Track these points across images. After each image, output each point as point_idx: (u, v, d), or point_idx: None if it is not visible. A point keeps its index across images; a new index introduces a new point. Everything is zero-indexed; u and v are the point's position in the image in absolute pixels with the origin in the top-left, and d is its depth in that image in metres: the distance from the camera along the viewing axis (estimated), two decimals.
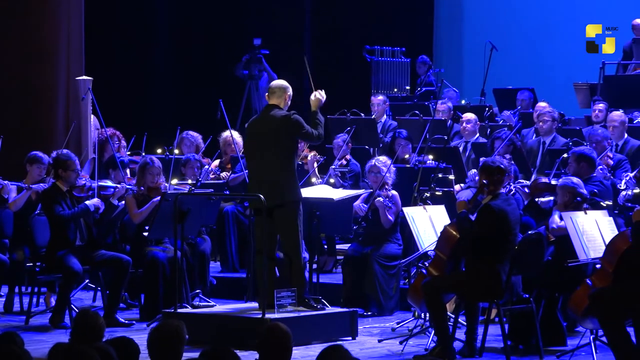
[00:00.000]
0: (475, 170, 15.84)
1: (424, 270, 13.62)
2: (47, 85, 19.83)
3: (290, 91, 14.10)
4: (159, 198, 14.94)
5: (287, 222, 13.76)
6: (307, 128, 13.81)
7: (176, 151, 17.57)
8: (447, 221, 14.03)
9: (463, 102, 21.61)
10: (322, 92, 14.19)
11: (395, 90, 21.80)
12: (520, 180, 15.11)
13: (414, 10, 25.60)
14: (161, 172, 15.89)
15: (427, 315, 13.44)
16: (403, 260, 15.30)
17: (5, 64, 19.79)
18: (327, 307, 14.22)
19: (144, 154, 17.49)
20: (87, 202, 15.00)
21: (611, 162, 16.10)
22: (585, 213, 13.20)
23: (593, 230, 12.93)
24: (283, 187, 13.75)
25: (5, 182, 16.05)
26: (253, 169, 14.31)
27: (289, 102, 14.02)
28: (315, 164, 16.90)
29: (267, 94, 14.42)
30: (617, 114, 17.71)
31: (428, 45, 25.01)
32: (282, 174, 13.82)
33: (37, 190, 15.70)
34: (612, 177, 15.55)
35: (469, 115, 18.80)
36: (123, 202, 15.59)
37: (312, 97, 14.11)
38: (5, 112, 19.27)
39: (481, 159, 14.61)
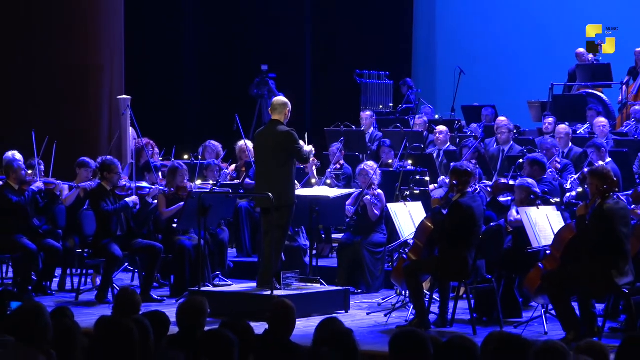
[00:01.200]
0: (443, 177, 15.92)
1: (404, 256, 13.62)
2: (94, 102, 19.79)
3: (289, 107, 14.00)
4: (182, 203, 14.98)
5: (278, 222, 13.69)
6: (300, 146, 13.78)
7: (200, 157, 17.56)
8: (424, 215, 14.04)
9: (437, 116, 21.47)
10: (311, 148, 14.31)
11: (381, 106, 21.70)
12: (484, 181, 15.13)
13: (396, 40, 25.26)
14: (187, 175, 15.95)
15: (407, 292, 13.45)
16: (387, 247, 15.38)
17: (59, 84, 19.72)
18: (324, 284, 14.33)
19: (173, 159, 17.48)
20: (126, 200, 14.99)
21: (559, 166, 16.11)
22: (538, 208, 13.22)
23: (544, 223, 12.95)
24: (280, 194, 13.56)
25: (59, 182, 16.10)
26: (259, 174, 14.30)
27: (289, 116, 13.91)
28: (314, 168, 16.90)
29: (269, 109, 14.35)
30: (563, 127, 17.70)
31: (408, 69, 24.74)
32: (279, 181, 13.73)
33: (85, 188, 15.74)
34: (559, 179, 15.55)
35: (442, 128, 18.76)
36: (156, 200, 15.61)
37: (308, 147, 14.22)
38: (59, 124, 19.13)
39: (452, 164, 14.60)
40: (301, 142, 14.10)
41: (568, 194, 14.87)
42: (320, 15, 25.50)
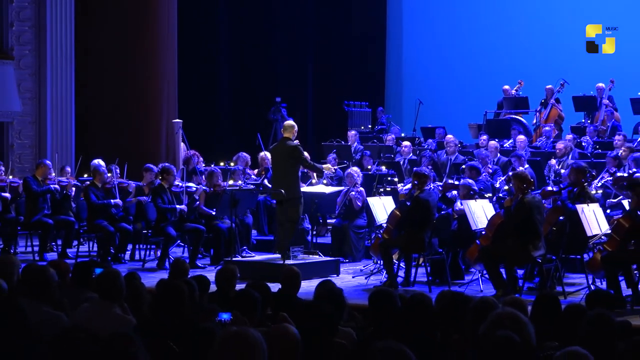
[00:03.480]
0: (407, 178, 15.90)
1: (379, 235, 13.61)
2: (155, 124, 19.68)
3: (296, 128, 14.01)
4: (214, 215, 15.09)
5: (291, 209, 13.73)
6: (304, 156, 13.77)
7: (232, 164, 17.51)
8: (393, 206, 14.03)
9: (402, 134, 21.37)
10: (329, 166, 14.37)
11: (362, 127, 21.62)
12: (437, 182, 15.13)
13: (373, 79, 25.10)
14: (221, 177, 15.93)
15: (381, 262, 13.45)
16: (367, 229, 15.40)
17: (128, 110, 19.65)
18: (322, 256, 14.30)
19: (213, 165, 17.43)
20: (175, 205, 15.07)
21: (490, 170, 16.09)
22: (476, 201, 13.21)
23: (480, 211, 12.93)
24: (290, 189, 13.66)
25: (130, 182, 16.11)
26: (274, 177, 14.26)
27: (296, 134, 13.98)
28: (332, 170, 16.96)
29: (282, 129, 14.41)
30: (493, 142, 17.66)
31: (381, 100, 24.57)
32: (289, 181, 13.75)
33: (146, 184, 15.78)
34: (491, 180, 15.55)
35: (406, 143, 18.71)
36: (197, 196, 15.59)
37: (325, 166, 14.28)
38: (130, 140, 19.11)
39: (414, 169, 14.59)
40: (305, 153, 14.11)
41: (499, 195, 14.81)
42: (320, 60, 25.42)
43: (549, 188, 13.60)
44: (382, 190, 15.80)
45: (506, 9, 24.31)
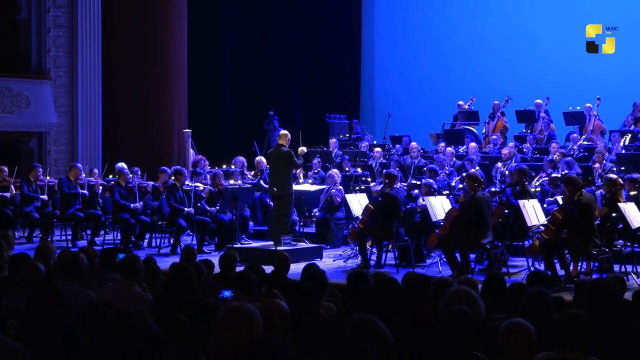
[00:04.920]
0: (379, 178, 15.91)
1: (356, 225, 13.62)
2: (168, 133, 19.61)
3: (289, 137, 13.92)
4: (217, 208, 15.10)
5: (284, 205, 13.71)
6: (295, 160, 13.69)
7: (232, 166, 17.48)
8: (367, 201, 14.03)
9: (375, 142, 21.37)
10: (304, 148, 14.21)
11: (341, 136, 21.60)
12: (403, 182, 15.14)
13: (349, 95, 25.05)
14: (223, 177, 15.91)
15: (357, 248, 13.46)
16: (345, 221, 15.40)
17: (146, 121, 19.55)
18: (307, 243, 14.28)
19: (216, 168, 17.40)
20: (182, 206, 15.05)
21: (447, 172, 16.14)
22: (435, 197, 13.24)
23: (439, 206, 12.95)
24: (283, 187, 13.67)
25: (148, 182, 16.07)
26: (270, 177, 14.25)
27: (289, 142, 14.00)
28: (301, 173, 16.88)
29: (278, 137, 14.35)
30: (450, 149, 17.68)
31: (357, 114, 24.53)
32: (282, 181, 13.74)
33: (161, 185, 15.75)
34: (448, 180, 15.56)
35: (378, 149, 18.69)
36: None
37: (300, 149, 14.12)
38: (147, 146, 19.05)
39: (384, 171, 14.60)
40: (300, 149, 14.10)
41: (456, 191, 14.82)
42: (306, 80, 25.44)
43: (493, 189, 13.67)
44: (357, 188, 15.78)
45: (464, 37, 24.12)
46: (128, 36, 19.59)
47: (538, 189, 14.49)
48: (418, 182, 14.31)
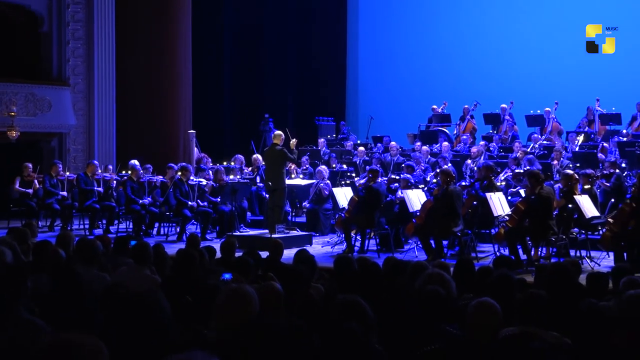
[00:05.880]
0: (362, 174, 15.93)
1: (342, 215, 13.66)
2: (175, 133, 19.57)
3: (283, 136, 13.88)
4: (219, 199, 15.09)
5: (278, 197, 13.70)
6: (289, 156, 13.67)
7: (232, 163, 17.48)
8: (352, 194, 14.08)
9: (359, 142, 21.41)
10: (295, 140, 14.18)
11: (328, 136, 21.57)
12: (384, 177, 15.16)
13: (336, 100, 25.08)
14: (224, 173, 15.90)
15: (343, 235, 13.49)
16: (332, 211, 15.42)
17: (155, 123, 19.50)
18: (298, 231, 14.31)
19: (217, 164, 17.39)
20: (187, 201, 15.01)
21: (423, 168, 16.16)
22: (412, 190, 13.28)
23: (416, 198, 12.99)
24: (277, 181, 13.65)
25: (157, 177, 16.05)
26: (266, 173, 14.21)
27: (283, 141, 13.98)
28: (294, 169, 16.87)
29: (273, 137, 14.28)
30: (425, 148, 17.71)
31: (343, 116, 24.52)
32: (276, 176, 13.72)
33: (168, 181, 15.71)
34: (423, 175, 15.59)
35: (361, 148, 18.72)
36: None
37: (291, 142, 14.08)
38: (156, 145, 18.99)
39: (367, 167, 14.65)
40: (292, 142, 14.00)
41: (430, 185, 14.84)
42: (297, 87, 25.44)
43: (463, 183, 13.69)
44: (343, 182, 15.82)
45: (438, 49, 24.10)
46: (139, 48, 19.61)
47: (503, 183, 14.54)
48: (397, 177, 14.32)
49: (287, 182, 14.53)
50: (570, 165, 15.09)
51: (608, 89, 19.01)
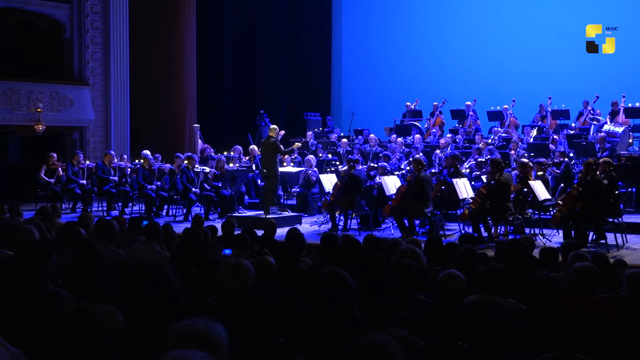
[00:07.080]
0: (344, 161, 15.92)
1: (328, 198, 13.67)
2: (181, 127, 19.59)
3: (278, 130, 13.95)
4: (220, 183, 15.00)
5: (271, 182, 13.65)
6: (280, 149, 13.68)
7: (232, 153, 17.43)
8: (336, 180, 14.08)
9: (342, 134, 21.33)
10: (299, 144, 14.17)
11: (316, 130, 21.50)
12: (364, 165, 15.15)
13: (322, 96, 24.85)
14: (225, 162, 15.86)
15: (328, 216, 13.52)
16: (319, 195, 15.41)
17: (164, 118, 19.49)
18: (289, 212, 14.31)
19: (218, 154, 17.33)
20: (192, 186, 14.97)
21: (398, 156, 16.17)
22: (389, 176, 13.30)
23: (392, 183, 13.00)
24: (271, 169, 13.63)
25: (166, 165, 15.98)
26: (262, 162, 14.22)
27: (277, 134, 13.93)
28: (286, 158, 16.87)
29: (268, 130, 14.27)
30: (400, 139, 17.71)
31: (328, 111, 24.37)
32: (270, 165, 13.69)
33: (175, 168, 15.65)
34: (398, 163, 15.61)
35: (344, 139, 18.70)
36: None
37: (295, 144, 14.09)
38: (165, 137, 19.02)
39: (349, 156, 14.63)
40: (281, 146, 14.00)
41: (404, 172, 14.85)
42: (289, 85, 25.29)
43: (433, 170, 13.71)
44: (329, 170, 15.81)
45: (413, 50, 23.98)
46: (150, 52, 19.63)
47: (467, 170, 14.57)
48: (375, 165, 14.34)
49: (280, 169, 14.52)
50: (526, 155, 15.13)
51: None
